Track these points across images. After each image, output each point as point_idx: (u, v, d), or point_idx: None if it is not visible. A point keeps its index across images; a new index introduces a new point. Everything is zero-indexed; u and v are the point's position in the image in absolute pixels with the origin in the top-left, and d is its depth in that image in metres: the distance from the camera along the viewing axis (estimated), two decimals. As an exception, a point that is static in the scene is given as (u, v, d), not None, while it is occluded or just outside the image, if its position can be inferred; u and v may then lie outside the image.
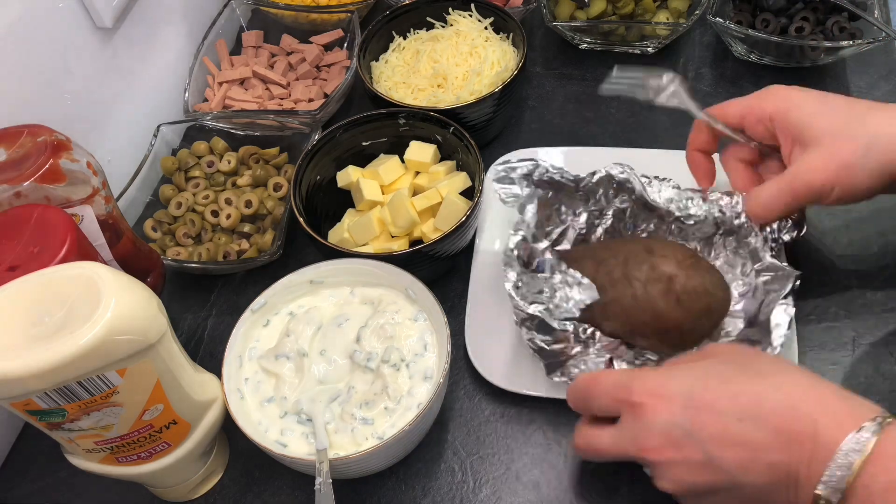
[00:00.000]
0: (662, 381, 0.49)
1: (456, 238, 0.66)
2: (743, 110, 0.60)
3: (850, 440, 0.42)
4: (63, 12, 0.74)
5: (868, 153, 0.54)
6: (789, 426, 0.44)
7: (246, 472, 0.63)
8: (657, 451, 0.48)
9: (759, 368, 0.48)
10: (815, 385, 0.46)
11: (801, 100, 0.58)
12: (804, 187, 0.56)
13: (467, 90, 0.79)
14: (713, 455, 0.46)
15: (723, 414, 0.46)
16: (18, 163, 0.55)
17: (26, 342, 0.44)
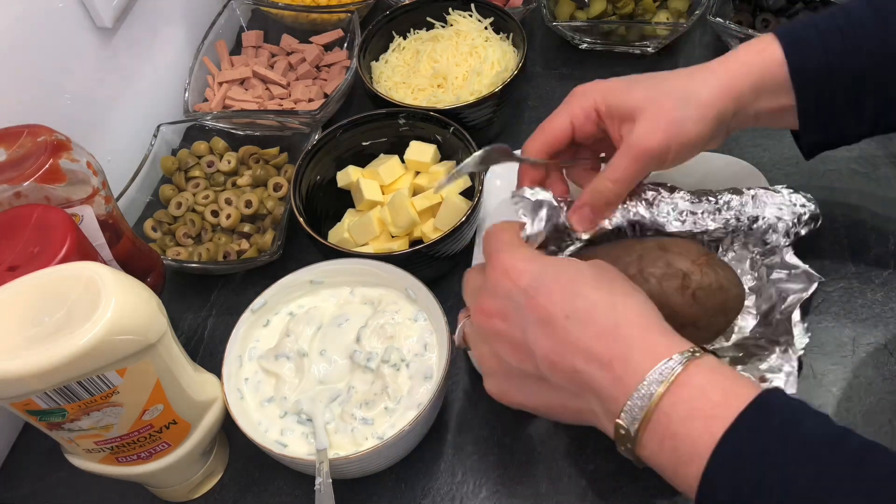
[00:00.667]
0: (527, 259, 0.51)
1: (456, 238, 0.66)
2: (570, 118, 0.60)
3: (656, 370, 0.43)
4: (63, 12, 0.74)
5: (687, 104, 0.56)
6: (604, 342, 0.45)
7: (246, 472, 0.63)
8: (487, 316, 0.50)
9: (612, 286, 0.49)
10: (647, 316, 0.47)
11: (609, 85, 0.59)
12: (643, 153, 0.57)
13: (467, 90, 0.79)
14: (529, 338, 0.48)
15: (555, 306, 0.47)
16: (18, 163, 0.55)
17: (26, 342, 0.44)
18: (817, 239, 0.69)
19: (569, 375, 0.46)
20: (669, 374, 0.43)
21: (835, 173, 0.74)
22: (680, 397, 0.42)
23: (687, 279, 0.56)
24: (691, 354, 0.44)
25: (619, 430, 0.44)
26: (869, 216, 0.71)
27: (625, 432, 0.44)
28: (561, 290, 0.48)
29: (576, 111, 0.60)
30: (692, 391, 0.43)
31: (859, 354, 0.63)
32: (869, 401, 0.60)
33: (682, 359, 0.43)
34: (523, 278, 0.49)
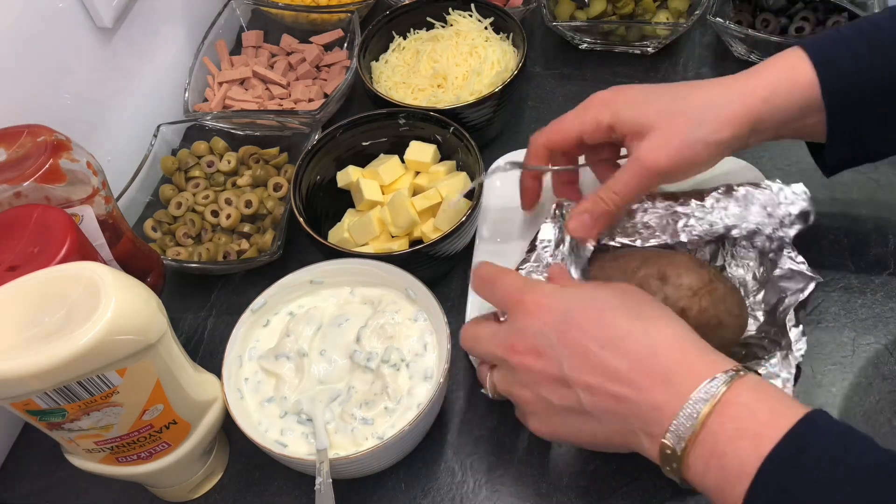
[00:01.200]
0: (551, 294, 0.51)
1: (456, 238, 0.66)
2: (580, 125, 0.61)
3: (700, 389, 0.43)
4: (63, 12, 0.74)
5: (701, 126, 0.56)
6: (645, 366, 0.45)
7: (246, 472, 0.63)
8: (520, 354, 0.50)
9: (640, 311, 0.49)
10: (682, 337, 0.47)
11: (627, 97, 0.59)
12: (649, 170, 0.57)
13: (467, 90, 0.79)
14: (567, 372, 0.47)
15: (589, 337, 0.47)
16: (18, 163, 0.55)
17: (26, 342, 0.44)
18: (817, 239, 0.69)
19: (612, 405, 0.46)
20: (714, 393, 0.43)
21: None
22: (727, 416, 0.42)
23: (684, 315, 0.55)
24: (735, 373, 0.44)
25: (664, 451, 0.44)
26: (869, 216, 0.71)
27: (671, 452, 0.44)
28: (592, 321, 0.48)
29: (587, 121, 0.60)
30: (739, 410, 0.42)
31: (859, 354, 0.63)
32: (869, 401, 0.60)
33: (727, 378, 0.43)
34: (552, 314, 0.49)
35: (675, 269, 0.57)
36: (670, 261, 0.58)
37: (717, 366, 0.45)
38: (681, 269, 0.57)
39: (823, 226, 0.71)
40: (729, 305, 0.57)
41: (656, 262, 0.58)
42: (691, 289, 0.56)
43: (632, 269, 0.58)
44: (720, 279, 0.58)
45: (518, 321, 0.51)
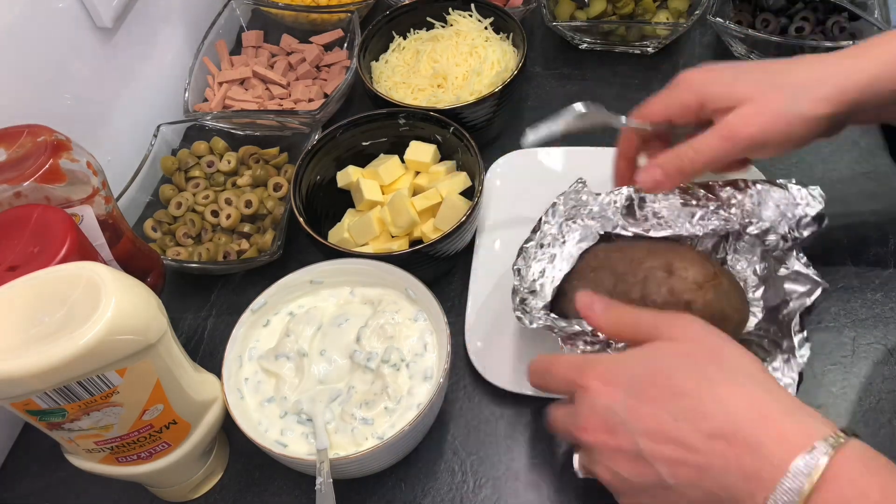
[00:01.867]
0: (611, 367, 0.49)
1: (456, 238, 0.66)
2: (666, 108, 0.60)
3: (799, 462, 0.40)
4: (63, 12, 0.74)
5: (796, 100, 0.54)
6: (725, 434, 0.42)
7: (246, 472, 0.63)
8: (592, 433, 0.48)
9: (713, 371, 0.46)
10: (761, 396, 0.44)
11: (718, 74, 0.58)
12: (736, 137, 0.55)
13: (467, 90, 0.79)
14: (643, 448, 0.45)
15: (660, 409, 0.45)
16: (18, 163, 0.55)
17: (26, 342, 0.44)
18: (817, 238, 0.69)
19: (696, 477, 0.43)
20: (814, 466, 0.39)
21: (835, 172, 0.74)
22: (833, 494, 0.39)
23: (689, 308, 0.55)
24: (835, 440, 0.40)
25: None
26: (869, 216, 0.71)
27: None
28: (659, 391, 0.46)
29: (673, 104, 0.59)
30: (846, 489, 0.39)
31: (859, 354, 0.63)
32: (869, 401, 0.60)
33: (827, 447, 0.40)
34: (618, 389, 0.47)
35: (681, 262, 0.57)
36: (676, 253, 0.58)
37: (811, 432, 0.41)
38: (686, 261, 0.57)
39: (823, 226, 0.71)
40: (732, 300, 0.56)
41: (662, 254, 0.58)
42: (696, 282, 0.55)
43: (637, 259, 0.58)
44: (724, 273, 0.58)
45: (585, 402, 0.48)
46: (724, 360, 0.47)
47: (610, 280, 0.58)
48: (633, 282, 0.57)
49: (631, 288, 0.57)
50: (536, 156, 0.78)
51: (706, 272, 0.56)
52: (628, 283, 0.57)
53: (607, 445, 0.47)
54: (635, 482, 0.46)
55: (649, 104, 0.61)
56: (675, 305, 0.55)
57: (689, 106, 0.58)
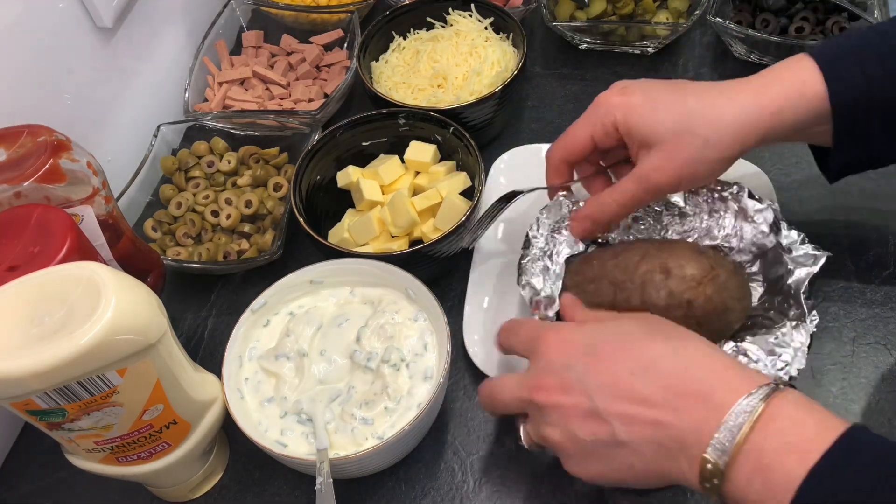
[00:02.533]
0: (571, 330, 0.51)
1: (456, 238, 0.66)
2: (589, 131, 0.61)
3: (741, 403, 0.42)
4: (63, 12, 0.74)
5: (707, 146, 0.56)
6: (679, 386, 0.45)
7: (246, 472, 0.63)
8: (548, 392, 0.49)
9: (666, 333, 0.49)
10: (713, 354, 0.47)
11: (635, 105, 0.59)
12: (653, 186, 0.58)
13: (467, 90, 0.79)
14: (599, 404, 0.46)
15: (617, 366, 0.47)
16: (18, 163, 0.55)
17: (26, 342, 0.44)
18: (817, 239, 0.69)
19: (649, 432, 0.45)
20: (756, 406, 0.42)
21: (835, 173, 0.74)
22: (772, 430, 0.42)
23: (691, 307, 0.56)
24: (774, 387, 0.43)
25: (705, 466, 0.43)
26: (869, 216, 0.71)
27: (712, 467, 0.42)
28: (618, 349, 0.48)
29: (596, 126, 0.60)
30: (783, 424, 0.42)
31: (859, 354, 0.63)
32: (869, 401, 0.60)
33: (767, 391, 0.43)
34: (576, 346, 0.49)
35: (677, 261, 0.57)
36: (670, 252, 0.58)
37: (753, 380, 0.44)
38: (682, 259, 0.57)
39: (823, 225, 0.71)
40: (732, 290, 0.57)
41: (656, 255, 0.58)
42: (695, 279, 0.56)
43: (633, 265, 0.58)
44: (721, 264, 0.58)
45: (542, 359, 0.51)
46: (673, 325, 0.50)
47: (609, 290, 0.59)
48: (632, 289, 0.57)
49: (631, 295, 0.57)
50: (539, 152, 0.78)
51: (703, 267, 0.57)
52: (628, 290, 0.58)
53: (561, 403, 0.48)
54: (587, 441, 0.47)
55: (573, 132, 0.62)
56: (678, 307, 0.56)
57: (609, 130, 0.60)
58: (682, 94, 0.58)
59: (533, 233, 0.63)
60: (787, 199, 0.71)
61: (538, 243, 0.63)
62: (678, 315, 0.56)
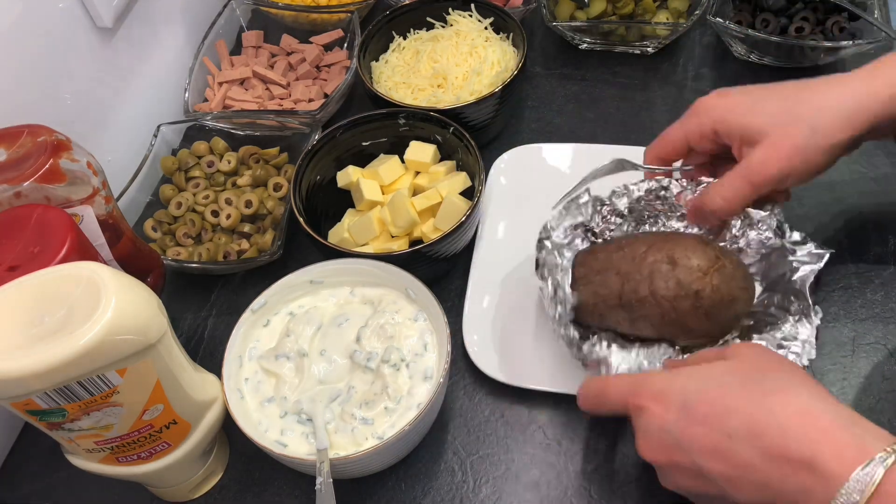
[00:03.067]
0: (665, 386, 0.49)
1: (456, 238, 0.66)
2: (685, 135, 0.61)
3: (854, 476, 0.40)
4: (63, 12, 0.74)
5: (814, 133, 0.55)
6: (781, 452, 0.43)
7: (246, 472, 0.63)
8: (650, 452, 0.49)
9: (763, 385, 0.46)
10: (812, 408, 0.44)
11: (734, 103, 0.58)
12: (761, 178, 0.56)
13: (467, 90, 0.79)
14: (701, 465, 0.46)
15: (713, 429, 0.45)
16: (18, 163, 0.55)
17: (26, 342, 0.44)
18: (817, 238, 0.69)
19: (758, 492, 0.44)
20: (869, 480, 0.40)
21: (835, 172, 0.74)
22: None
23: (699, 298, 0.56)
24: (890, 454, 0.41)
25: None
26: (869, 216, 0.71)
27: None
28: (710, 409, 0.46)
29: (692, 129, 0.60)
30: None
31: (859, 354, 0.63)
32: (869, 401, 0.60)
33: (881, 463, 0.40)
34: (670, 410, 0.48)
35: (683, 251, 0.57)
36: (676, 243, 0.58)
37: (863, 443, 0.41)
38: (688, 250, 0.57)
39: (824, 226, 0.71)
40: (738, 280, 0.57)
41: (663, 245, 0.58)
42: (701, 269, 0.56)
43: (640, 255, 0.58)
44: (726, 255, 0.58)
45: (640, 423, 0.49)
46: (775, 372, 0.47)
47: (616, 281, 0.58)
48: (639, 279, 0.57)
49: (638, 285, 0.57)
50: (541, 152, 0.78)
51: (709, 258, 0.57)
52: (635, 280, 0.57)
53: (667, 463, 0.48)
54: (697, 493, 0.48)
55: (669, 133, 0.62)
56: (686, 298, 0.56)
57: (706, 134, 0.59)
58: (781, 88, 0.57)
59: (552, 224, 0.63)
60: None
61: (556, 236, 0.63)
62: (686, 306, 0.56)
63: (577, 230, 0.64)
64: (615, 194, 0.65)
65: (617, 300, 0.58)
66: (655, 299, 0.56)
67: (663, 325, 0.58)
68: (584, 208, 0.64)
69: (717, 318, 0.57)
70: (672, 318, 0.57)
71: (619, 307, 0.58)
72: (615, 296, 0.58)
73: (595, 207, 0.65)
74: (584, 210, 0.64)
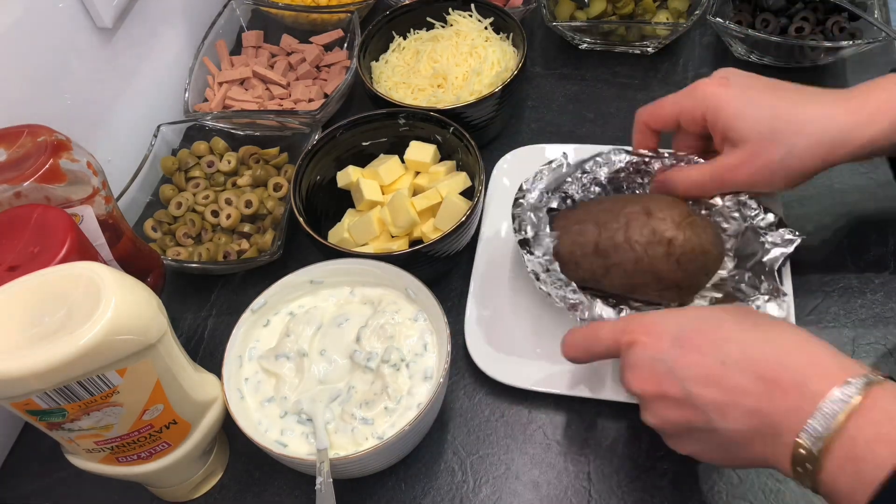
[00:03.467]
0: (657, 320, 0.51)
1: (456, 238, 0.66)
2: (677, 111, 0.62)
3: (836, 392, 0.43)
4: (63, 12, 0.74)
5: (790, 154, 0.56)
6: (774, 375, 0.45)
7: (246, 472, 0.63)
8: (640, 383, 0.50)
9: (755, 321, 0.48)
10: (807, 341, 0.46)
11: (729, 98, 0.59)
12: (728, 181, 0.60)
13: (467, 90, 0.79)
14: (691, 392, 0.47)
15: (707, 356, 0.47)
16: (18, 163, 0.55)
17: (26, 342, 0.44)
18: (817, 239, 0.70)
19: (745, 418, 0.45)
20: (852, 396, 0.42)
21: (835, 172, 0.74)
22: (866, 420, 0.42)
23: (671, 245, 0.58)
24: (872, 377, 0.43)
25: (797, 451, 0.43)
26: (869, 216, 0.71)
27: (805, 452, 0.43)
28: (707, 338, 0.48)
29: (685, 108, 0.61)
30: (879, 415, 0.42)
31: (859, 354, 0.63)
32: (869, 401, 0.60)
33: (863, 382, 0.43)
34: (663, 339, 0.49)
35: (657, 205, 0.60)
36: (652, 199, 0.62)
37: (849, 369, 0.44)
38: (662, 203, 0.61)
39: (823, 226, 0.71)
40: (710, 236, 0.60)
41: (639, 200, 0.62)
42: (674, 220, 0.59)
43: (618, 207, 0.61)
44: (697, 213, 0.62)
45: (630, 356, 0.50)
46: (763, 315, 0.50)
47: (594, 230, 0.61)
48: (616, 227, 0.60)
49: (615, 233, 0.60)
50: (544, 152, 0.78)
51: (682, 212, 0.60)
52: (612, 228, 0.60)
53: (655, 393, 0.49)
54: (682, 426, 0.49)
55: (664, 103, 0.63)
56: (658, 244, 0.59)
57: (696, 119, 0.61)
58: (777, 95, 0.58)
59: (528, 186, 0.65)
60: (787, 199, 0.71)
61: (531, 197, 0.64)
62: (660, 253, 0.59)
63: (555, 194, 0.66)
64: (596, 163, 0.67)
65: (593, 247, 0.61)
66: (630, 244, 0.59)
67: (636, 273, 0.60)
68: (559, 172, 0.66)
69: (687, 267, 0.59)
70: (645, 263, 0.59)
71: (595, 254, 0.61)
72: (591, 243, 0.61)
73: (575, 175, 0.67)
74: (561, 175, 0.66)
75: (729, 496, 0.57)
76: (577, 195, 0.67)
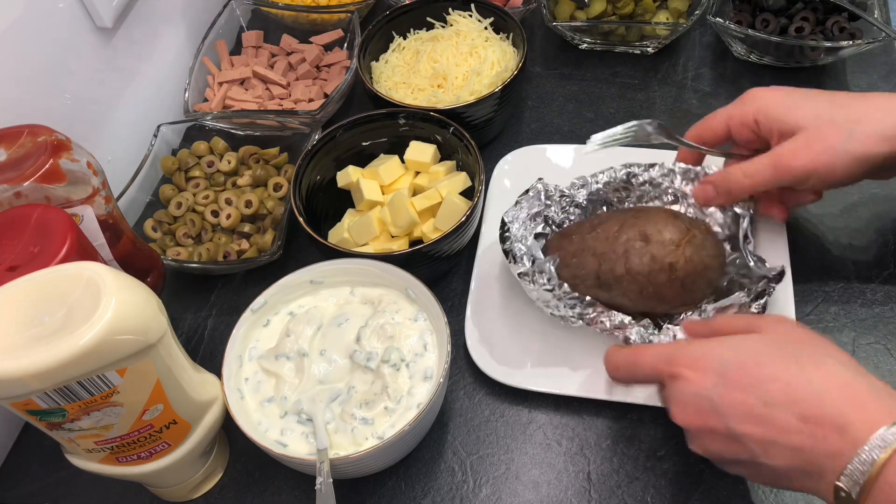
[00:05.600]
0: (701, 354, 0.50)
1: (456, 238, 0.66)
2: (727, 119, 0.62)
3: (877, 436, 0.42)
4: (63, 12, 0.74)
5: (850, 138, 0.55)
6: (816, 415, 0.45)
7: (246, 472, 0.63)
8: (686, 418, 0.50)
9: (800, 357, 0.48)
10: (850, 379, 0.46)
11: (782, 96, 0.59)
12: (786, 167, 0.57)
13: (467, 90, 0.79)
14: (736, 430, 0.47)
15: (750, 395, 0.47)
16: (18, 163, 0.55)
17: (26, 342, 0.44)
18: (817, 239, 0.70)
19: (788, 455, 0.46)
20: (892, 441, 0.42)
21: (835, 173, 0.74)
22: None
23: (673, 270, 0.58)
24: None
25: (839, 493, 0.44)
26: (869, 216, 0.71)
27: (845, 496, 0.43)
28: (749, 377, 0.47)
29: (735, 115, 0.61)
30: None
31: (859, 354, 0.63)
32: (869, 401, 0.60)
33: None
34: (707, 377, 0.49)
35: (655, 227, 0.59)
36: (647, 218, 0.60)
37: (890, 409, 0.44)
38: (659, 224, 0.59)
39: (823, 226, 0.71)
40: (709, 248, 0.60)
41: (634, 223, 0.60)
42: (674, 242, 0.59)
43: (612, 234, 0.60)
44: (696, 226, 0.61)
45: (675, 390, 0.50)
46: (810, 345, 0.49)
47: (592, 261, 0.61)
48: (615, 258, 0.60)
49: (614, 264, 0.60)
50: (544, 153, 0.78)
51: (680, 230, 0.59)
52: (611, 260, 0.60)
53: (700, 428, 0.49)
54: (728, 458, 0.49)
55: (712, 117, 0.63)
56: (661, 271, 0.58)
57: (747, 123, 0.60)
58: (830, 93, 0.58)
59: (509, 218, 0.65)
60: (787, 199, 0.71)
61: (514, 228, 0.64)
62: (662, 279, 0.58)
63: (537, 220, 0.66)
64: (574, 186, 0.68)
65: (595, 280, 0.60)
66: (632, 276, 0.59)
67: (641, 300, 0.60)
68: (538, 198, 0.66)
69: (691, 286, 0.59)
70: (650, 291, 0.59)
71: (598, 286, 0.60)
72: (593, 276, 0.60)
73: (552, 198, 0.67)
74: (539, 200, 0.66)
75: (729, 496, 0.57)
76: (558, 217, 0.67)
